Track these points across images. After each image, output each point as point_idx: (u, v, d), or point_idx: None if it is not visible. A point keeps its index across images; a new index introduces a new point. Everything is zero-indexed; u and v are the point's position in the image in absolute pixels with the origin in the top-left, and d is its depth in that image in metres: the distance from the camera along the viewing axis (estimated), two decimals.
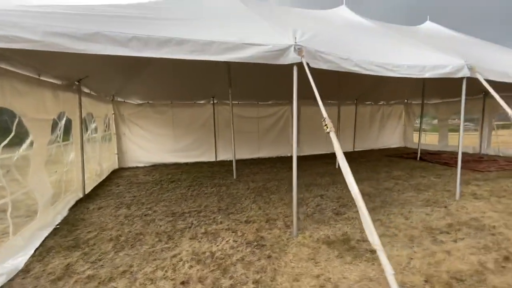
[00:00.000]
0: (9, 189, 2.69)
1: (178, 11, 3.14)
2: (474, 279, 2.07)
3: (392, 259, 2.38)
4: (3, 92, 2.56)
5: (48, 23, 1.93)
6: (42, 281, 2.16)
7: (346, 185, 3.93)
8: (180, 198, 4.41)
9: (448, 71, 3.64)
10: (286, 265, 2.33)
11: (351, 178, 2.00)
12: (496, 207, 3.64)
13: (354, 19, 5.70)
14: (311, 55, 2.76)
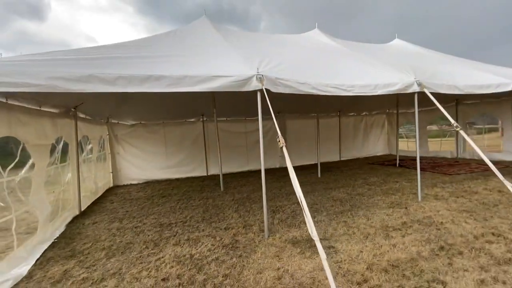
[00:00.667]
0: (13, 207, 3.09)
1: (158, 48, 3.67)
2: (407, 265, 2.48)
3: (345, 252, 2.79)
4: (10, 123, 3.01)
5: (49, 69, 2.42)
6: (43, 284, 2.52)
7: (323, 193, 4.47)
8: (168, 211, 4.80)
9: (398, 87, 4.17)
10: (253, 261, 2.72)
11: (297, 184, 2.43)
12: (451, 206, 4.07)
13: (324, 41, 6.32)
14: (272, 82, 3.26)
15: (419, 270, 2.37)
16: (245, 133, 9.44)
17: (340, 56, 5.32)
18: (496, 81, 5.32)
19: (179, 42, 4.18)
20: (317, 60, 4.81)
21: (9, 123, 2.99)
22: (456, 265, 2.42)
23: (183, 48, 3.91)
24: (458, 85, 4.83)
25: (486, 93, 5.20)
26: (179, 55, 3.55)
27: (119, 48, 3.41)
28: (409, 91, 4.27)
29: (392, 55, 6.42)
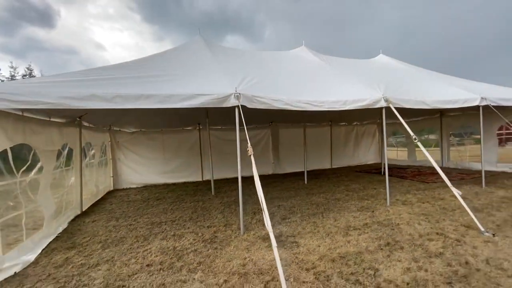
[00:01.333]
0: (24, 204, 3.61)
1: (153, 68, 4.22)
2: (353, 256, 2.92)
3: (305, 246, 3.24)
4: (24, 132, 3.56)
5: (59, 90, 2.96)
6: (48, 268, 3.01)
7: (304, 198, 4.99)
8: (161, 211, 5.28)
9: (366, 103, 4.66)
10: (226, 253, 3.19)
11: (260, 187, 2.92)
12: (413, 210, 4.50)
13: (309, 58, 6.87)
14: (248, 99, 3.78)
15: (360, 260, 2.82)
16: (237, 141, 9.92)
17: (319, 73, 5.85)
18: (464, 96, 5.79)
19: (172, 62, 4.75)
20: (297, 77, 5.34)
21: (24, 132, 3.54)
22: (393, 257, 2.86)
23: (175, 67, 4.47)
24: (426, 100, 5.31)
25: (454, 107, 5.67)
26: (170, 75, 4.09)
27: (118, 69, 3.98)
28: (376, 106, 4.76)
29: (372, 70, 6.94)
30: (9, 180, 3.36)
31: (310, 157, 11.08)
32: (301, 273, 2.62)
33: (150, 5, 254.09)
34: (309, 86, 4.98)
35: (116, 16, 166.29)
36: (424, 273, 2.50)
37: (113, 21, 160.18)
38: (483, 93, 5.97)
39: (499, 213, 4.15)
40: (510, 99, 6.29)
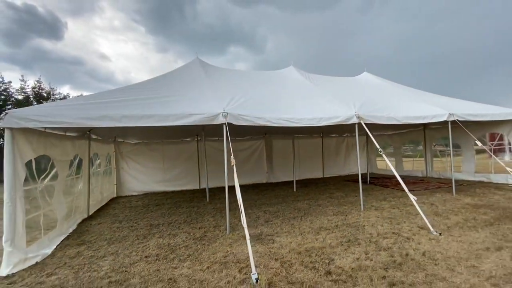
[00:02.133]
0: (42, 206, 4.24)
1: (154, 90, 4.94)
2: (316, 250, 3.50)
3: (279, 242, 3.82)
4: (45, 145, 4.24)
5: (77, 112, 3.65)
6: (63, 259, 3.62)
7: (289, 204, 5.64)
8: (159, 215, 5.89)
9: (340, 119, 5.32)
10: (212, 248, 3.78)
11: (239, 193, 3.54)
12: (382, 214, 5.08)
13: (295, 77, 7.60)
14: (234, 118, 4.45)
15: (321, 253, 3.40)
16: (235, 151, 10.55)
17: (302, 92, 6.55)
18: (433, 112, 6.43)
19: (171, 84, 5.47)
20: (281, 96, 6.03)
21: (45, 145, 4.22)
22: (349, 250, 3.44)
23: (173, 89, 5.17)
24: (396, 117, 5.96)
25: (422, 122, 6.31)
26: (169, 96, 4.79)
27: (124, 92, 4.69)
28: (349, 122, 5.41)
29: (353, 88, 7.64)
30: (32, 185, 4.01)
31: (303, 167, 11.71)
32: (270, 262, 3.21)
33: (154, 18, 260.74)
34: (291, 104, 5.66)
35: (121, 28, 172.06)
36: (369, 262, 3.08)
37: (118, 33, 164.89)
38: (452, 109, 6.61)
39: (455, 217, 4.72)
40: (477, 115, 6.93)
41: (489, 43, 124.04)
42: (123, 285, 2.81)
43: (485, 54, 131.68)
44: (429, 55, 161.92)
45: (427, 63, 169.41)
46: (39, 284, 2.94)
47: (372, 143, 12.88)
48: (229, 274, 2.95)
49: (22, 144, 3.63)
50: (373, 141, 5.14)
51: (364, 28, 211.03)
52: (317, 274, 2.86)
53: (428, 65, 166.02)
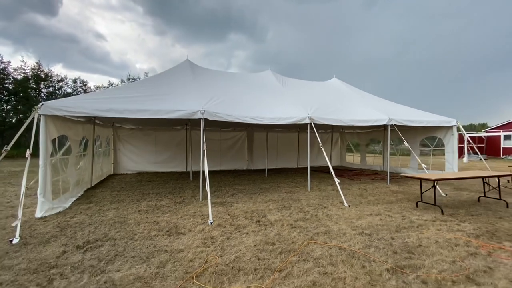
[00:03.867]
0: (60, 173, 5.65)
1: (149, 89, 6.29)
2: (258, 211, 5.01)
3: (235, 206, 5.33)
4: (65, 127, 5.60)
5: (91, 105, 5.03)
6: (78, 210, 5.07)
7: (257, 185, 7.17)
8: (150, 188, 7.36)
9: (295, 120, 6.78)
10: (187, 208, 5.27)
11: (206, 171, 5.00)
12: (320, 194, 6.63)
13: (270, 80, 9.00)
14: (210, 114, 5.86)
15: (260, 212, 4.93)
16: (219, 140, 12.04)
17: (272, 94, 7.98)
18: (375, 117, 7.95)
19: (163, 83, 6.83)
20: (253, 97, 7.45)
21: (64, 127, 5.59)
22: (280, 212, 4.96)
23: (165, 88, 6.53)
24: (342, 119, 7.45)
25: (366, 125, 7.84)
26: (161, 94, 6.16)
27: (127, 89, 6.06)
28: (303, 122, 6.88)
29: (317, 92, 9.09)
30: (55, 157, 5.40)
31: (280, 157, 13.27)
32: (224, 216, 4.72)
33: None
34: (259, 104, 7.10)
35: (118, 7, 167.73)
36: (288, 217, 4.62)
37: (115, 12, 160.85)
38: (392, 115, 8.15)
39: (371, 197, 6.31)
40: (414, 121, 8.50)
41: (496, 44, 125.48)
42: (123, 224, 4.29)
43: (491, 55, 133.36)
44: (432, 55, 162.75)
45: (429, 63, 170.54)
46: (65, 222, 4.39)
47: (343, 140, 14.50)
48: (194, 221, 4.45)
49: (50, 126, 5.00)
50: (318, 139, 6.61)
51: (367, 24, 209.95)
52: (251, 221, 4.39)
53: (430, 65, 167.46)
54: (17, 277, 2.63)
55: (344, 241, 3.54)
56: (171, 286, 2.44)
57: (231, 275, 2.66)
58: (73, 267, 2.82)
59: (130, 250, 3.27)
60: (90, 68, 63.01)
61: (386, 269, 2.75)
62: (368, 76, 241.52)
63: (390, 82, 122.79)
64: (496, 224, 4.27)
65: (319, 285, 2.45)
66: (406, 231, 3.93)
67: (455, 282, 2.49)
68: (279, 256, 3.08)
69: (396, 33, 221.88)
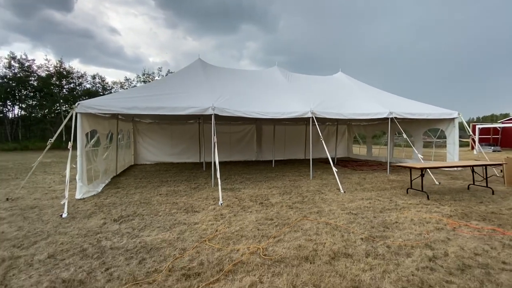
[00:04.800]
0: (92, 163, 6.56)
1: (165, 88, 7.05)
2: (262, 195, 5.72)
3: (243, 191, 6.06)
4: (95, 123, 6.48)
5: (118, 103, 5.83)
6: (109, 193, 5.95)
7: (264, 174, 7.99)
8: (167, 176, 8.22)
9: (297, 114, 7.36)
10: (200, 193, 6.05)
11: (217, 162, 5.73)
12: (321, 182, 7.25)
13: (276, 76, 9.56)
14: (220, 110, 6.54)
15: (264, 196, 5.63)
16: (229, 133, 12.78)
17: (277, 89, 8.56)
18: (376, 110, 8.40)
19: (178, 82, 7.57)
20: (259, 93, 8.08)
21: (95, 123, 6.46)
22: (282, 196, 5.64)
23: (180, 87, 7.27)
24: (343, 113, 7.96)
25: (366, 118, 8.30)
26: (176, 93, 6.91)
27: (146, 89, 6.84)
28: (305, 116, 7.46)
29: (321, 87, 9.58)
30: (87, 149, 6.30)
31: (288, 149, 13.89)
32: (232, 199, 5.46)
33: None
34: (265, 100, 7.72)
35: (131, 1, 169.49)
36: (287, 200, 5.30)
37: (128, 6, 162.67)
38: (392, 108, 8.55)
39: (367, 185, 6.87)
40: (415, 114, 8.86)
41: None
42: (148, 204, 5.11)
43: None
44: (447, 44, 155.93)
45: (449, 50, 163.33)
46: (100, 202, 5.26)
47: (350, 132, 14.90)
48: (207, 202, 5.22)
49: (84, 122, 5.86)
50: (318, 131, 7.18)
51: (381, 10, 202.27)
52: (255, 203, 5.11)
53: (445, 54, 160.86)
54: (72, 239, 3.47)
55: (331, 218, 4.19)
56: (190, 245, 3.20)
57: (235, 239, 3.39)
58: (113, 233, 3.64)
59: (156, 222, 4.07)
60: (105, 63, 65.03)
61: (361, 238, 3.39)
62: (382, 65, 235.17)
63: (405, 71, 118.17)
64: (473, 207, 4.78)
65: (304, 247, 3.13)
66: (388, 212, 4.52)
67: (414, 247, 3.11)
68: (275, 228, 3.78)
69: (413, 19, 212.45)
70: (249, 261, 2.80)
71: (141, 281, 2.46)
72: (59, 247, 3.19)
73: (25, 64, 24.90)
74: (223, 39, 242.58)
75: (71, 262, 2.82)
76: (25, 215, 4.45)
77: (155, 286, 2.38)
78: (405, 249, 3.06)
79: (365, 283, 2.39)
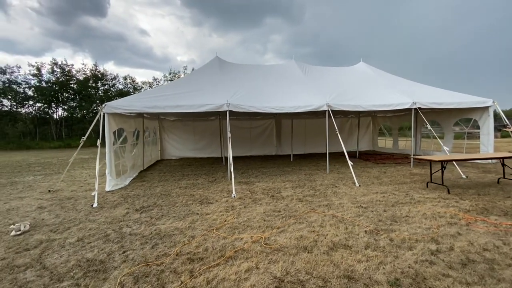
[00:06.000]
0: (120, 158, 7.16)
1: (183, 86, 7.40)
2: (275, 189, 5.85)
3: (257, 185, 6.24)
4: (121, 121, 7.04)
5: (140, 103, 6.29)
6: (135, 186, 6.48)
7: (281, 168, 8.18)
8: (189, 170, 8.67)
9: (313, 108, 7.32)
10: (217, 185, 6.35)
11: (231, 157, 5.96)
12: (337, 176, 7.18)
13: (293, 70, 9.51)
14: (234, 106, 6.75)
15: (277, 189, 5.76)
16: (249, 128, 12.99)
17: (292, 83, 8.54)
18: (397, 101, 8.03)
19: (195, 81, 7.89)
20: (274, 87, 8.13)
21: (121, 121, 7.02)
22: (294, 189, 5.73)
23: (197, 85, 7.59)
24: (362, 105, 7.74)
25: (387, 109, 7.99)
26: (193, 91, 7.23)
27: (165, 88, 7.25)
28: (321, 109, 7.40)
29: (339, 79, 9.34)
30: (115, 146, 6.88)
31: (308, 142, 13.77)
32: (246, 191, 5.68)
33: None
34: (280, 94, 7.78)
35: (158, 2, 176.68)
36: (299, 194, 5.37)
37: (155, 7, 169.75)
38: (416, 98, 8.12)
39: (386, 179, 6.67)
40: (442, 103, 8.33)
41: None
42: (167, 196, 5.50)
43: None
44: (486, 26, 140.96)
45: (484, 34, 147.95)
46: (126, 194, 5.77)
47: (375, 124, 14.33)
48: (221, 195, 5.49)
49: (111, 121, 6.40)
50: (334, 124, 7.09)
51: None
52: (266, 196, 5.27)
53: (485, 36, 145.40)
54: (99, 226, 3.91)
55: (339, 211, 4.21)
56: (198, 233, 3.47)
57: (241, 229, 3.59)
58: (134, 221, 4.03)
59: (172, 212, 4.41)
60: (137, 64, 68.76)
61: (365, 231, 3.40)
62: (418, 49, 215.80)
63: (445, 54, 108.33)
64: (497, 202, 4.48)
65: (305, 238, 3.24)
66: (401, 206, 4.42)
67: (418, 241, 3.07)
68: (281, 220, 3.91)
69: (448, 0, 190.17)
70: (250, 249, 2.98)
71: (151, 263, 2.76)
72: (87, 232, 3.64)
73: (65, 69, 27.29)
74: (248, 34, 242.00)
75: (95, 245, 3.21)
76: (63, 205, 5.06)
77: (162, 267, 2.65)
78: (408, 243, 3.03)
79: (358, 273, 2.45)
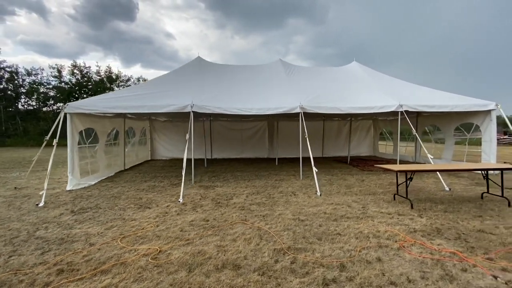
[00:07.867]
0: (88, 158, 7.21)
1: (158, 86, 7.33)
2: (227, 194, 5.55)
3: (215, 189, 5.98)
4: (91, 121, 7.10)
5: (103, 104, 6.28)
6: (97, 186, 6.49)
7: (255, 172, 7.83)
8: (165, 172, 8.59)
9: (284, 110, 6.91)
10: (174, 190, 6.15)
11: (187, 160, 5.75)
12: (307, 183, 6.71)
13: (277, 70, 9.13)
14: (199, 108, 6.54)
15: (229, 195, 5.45)
16: (241, 130, 12.74)
17: (271, 84, 8.17)
18: (382, 103, 7.38)
19: (170, 81, 7.81)
20: (248, 88, 7.82)
21: (90, 121, 7.08)
22: (250, 196, 5.39)
23: (169, 86, 7.50)
24: (340, 107, 7.19)
25: (369, 112, 7.37)
26: (163, 91, 7.13)
27: (138, 88, 7.23)
28: (294, 111, 6.95)
29: (326, 79, 8.82)
30: (82, 145, 6.94)
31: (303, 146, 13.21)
32: (196, 197, 5.42)
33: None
34: (254, 95, 7.46)
35: (183, 6, 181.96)
36: (248, 201, 5.02)
37: (180, 11, 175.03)
38: (404, 100, 7.43)
39: (356, 188, 6.11)
40: (434, 106, 7.56)
41: None
42: (116, 198, 5.40)
43: None
44: None
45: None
46: (80, 194, 5.75)
47: (376, 128, 13.48)
48: (169, 199, 5.29)
49: (76, 121, 6.45)
50: (304, 128, 6.64)
51: None
52: (212, 203, 4.98)
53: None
54: (21, 226, 3.85)
55: (270, 223, 3.83)
56: (101, 241, 3.28)
57: (148, 239, 3.35)
58: (57, 223, 3.94)
59: (102, 216, 4.27)
60: (163, 66, 71.84)
61: (274, 249, 3.02)
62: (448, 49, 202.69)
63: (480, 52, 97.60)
64: (460, 222, 3.85)
65: (202, 254, 2.93)
66: (344, 221, 3.94)
67: (322, 266, 2.64)
68: (199, 230, 3.62)
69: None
70: (131, 263, 2.74)
71: (21, 271, 2.60)
72: (3, 232, 3.58)
73: (83, 71, 28.77)
74: (270, 35, 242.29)
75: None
76: (12, 203, 5.13)
77: (25, 277, 2.48)
78: (309, 267, 2.62)
79: None
